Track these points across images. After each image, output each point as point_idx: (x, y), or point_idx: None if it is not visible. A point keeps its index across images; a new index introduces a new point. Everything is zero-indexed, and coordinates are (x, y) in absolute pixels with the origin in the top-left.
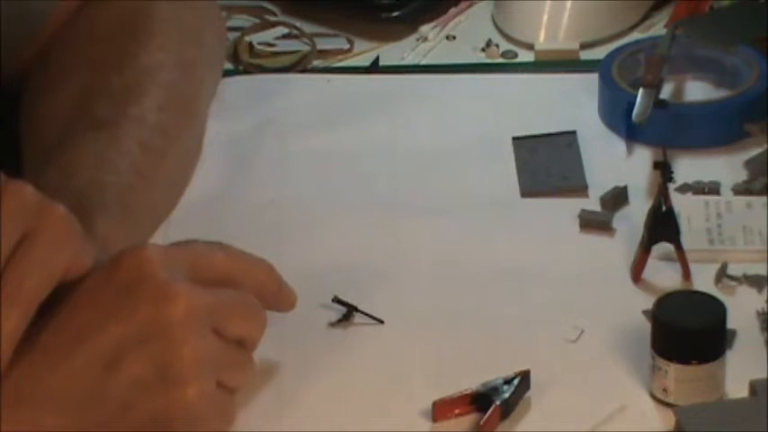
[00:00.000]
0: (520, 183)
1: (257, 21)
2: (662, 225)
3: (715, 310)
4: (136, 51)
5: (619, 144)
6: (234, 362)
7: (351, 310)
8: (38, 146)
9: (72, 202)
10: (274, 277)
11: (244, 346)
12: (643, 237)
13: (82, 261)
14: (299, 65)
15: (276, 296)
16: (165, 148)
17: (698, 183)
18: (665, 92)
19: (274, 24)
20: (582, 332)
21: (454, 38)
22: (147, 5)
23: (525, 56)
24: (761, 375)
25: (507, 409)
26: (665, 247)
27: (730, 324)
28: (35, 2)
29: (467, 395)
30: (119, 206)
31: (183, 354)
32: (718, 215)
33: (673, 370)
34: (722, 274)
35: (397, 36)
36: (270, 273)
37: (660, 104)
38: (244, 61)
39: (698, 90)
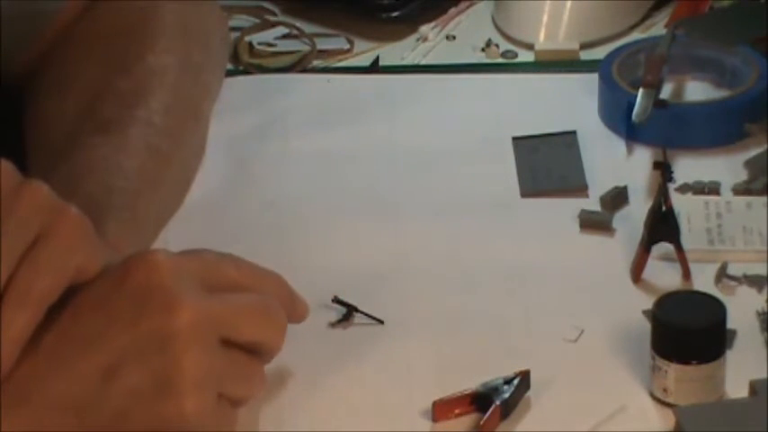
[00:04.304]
0: (520, 183)
1: (257, 21)
2: (662, 225)
3: (715, 310)
4: (142, 53)
5: (619, 144)
6: (241, 374)
7: (351, 310)
8: (44, 146)
9: (81, 206)
10: (285, 289)
11: (260, 351)
12: (643, 237)
13: (93, 264)
14: (299, 65)
15: (288, 309)
16: (171, 152)
17: (698, 183)
18: (665, 92)
19: (274, 24)
20: (582, 332)
21: (454, 38)
22: (154, 7)
23: (525, 56)
24: (761, 375)
25: (507, 409)
26: (665, 247)
27: (730, 324)
28: (41, 2)
29: (467, 395)
30: (127, 211)
31: (183, 367)
32: (718, 215)
33: (673, 370)
34: (722, 274)
35: (397, 36)
36: (281, 285)
37: (660, 104)
38: (244, 61)
39: (698, 90)
